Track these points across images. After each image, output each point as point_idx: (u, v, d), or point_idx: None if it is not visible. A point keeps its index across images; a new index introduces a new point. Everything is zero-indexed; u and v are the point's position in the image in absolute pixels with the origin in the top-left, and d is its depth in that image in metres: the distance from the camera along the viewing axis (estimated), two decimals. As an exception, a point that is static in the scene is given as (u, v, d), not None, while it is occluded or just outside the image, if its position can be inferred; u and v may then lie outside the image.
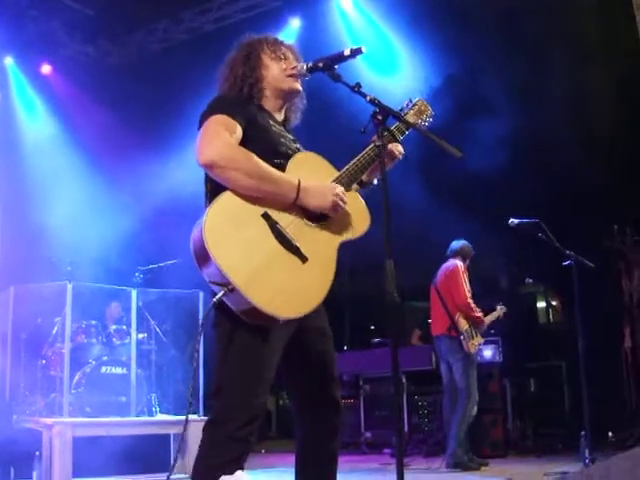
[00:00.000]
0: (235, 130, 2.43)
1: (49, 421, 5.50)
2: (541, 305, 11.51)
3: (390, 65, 8.47)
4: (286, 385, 2.59)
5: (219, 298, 2.27)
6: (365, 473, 6.56)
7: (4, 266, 7.75)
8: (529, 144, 8.18)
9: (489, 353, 7.83)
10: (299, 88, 2.68)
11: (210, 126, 2.42)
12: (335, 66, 2.54)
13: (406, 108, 2.85)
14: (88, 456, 5.46)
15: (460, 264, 6.64)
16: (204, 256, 2.27)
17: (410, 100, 2.88)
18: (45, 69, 9.31)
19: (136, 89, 8.68)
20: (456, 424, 6.24)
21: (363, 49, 2.50)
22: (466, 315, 6.43)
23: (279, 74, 2.65)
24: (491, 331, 7.41)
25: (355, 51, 2.50)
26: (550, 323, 11.25)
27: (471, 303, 6.43)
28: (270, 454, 7.59)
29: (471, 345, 6.35)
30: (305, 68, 2.59)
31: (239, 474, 2.25)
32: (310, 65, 2.58)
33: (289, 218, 2.41)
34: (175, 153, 8.03)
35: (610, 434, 7.09)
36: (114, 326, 6.72)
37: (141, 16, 8.85)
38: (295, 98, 2.73)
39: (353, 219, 2.54)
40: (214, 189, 2.41)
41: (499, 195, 8.33)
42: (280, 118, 2.71)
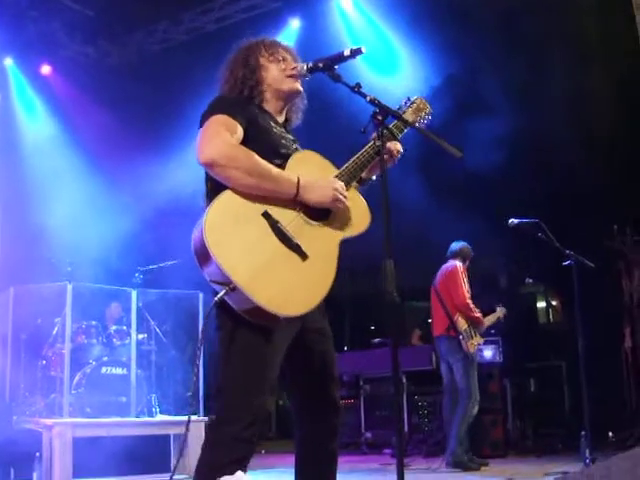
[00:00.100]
0: (236, 130, 2.44)
1: (49, 422, 5.50)
2: (541, 305, 11.51)
3: (390, 65, 8.47)
4: (287, 385, 2.59)
5: (220, 297, 2.27)
6: (365, 473, 6.56)
7: (4, 266, 7.75)
8: (529, 144, 8.18)
9: (489, 353, 7.83)
10: (299, 88, 2.68)
11: (210, 126, 2.42)
12: (335, 66, 2.54)
13: (404, 106, 2.85)
14: (88, 457, 5.46)
15: (459, 265, 6.64)
16: (205, 255, 2.26)
17: (408, 98, 2.88)
18: (45, 70, 9.31)
19: (136, 90, 8.67)
20: (456, 423, 6.24)
21: (363, 49, 2.50)
22: (465, 315, 6.43)
23: (278, 75, 2.65)
24: (491, 331, 7.41)
25: (355, 51, 2.50)
26: (550, 323, 11.25)
27: (470, 303, 6.44)
28: (270, 454, 7.58)
29: (470, 345, 6.35)
30: (305, 68, 2.59)
31: (239, 474, 2.24)
32: (310, 65, 2.58)
33: (290, 216, 2.41)
34: (175, 153, 8.04)
35: (610, 434, 7.09)
36: (114, 326, 6.72)
37: (141, 17, 8.85)
38: (296, 99, 2.73)
39: (353, 216, 2.54)
40: (214, 189, 2.41)
41: (499, 195, 8.33)
42: (281, 120, 2.71)
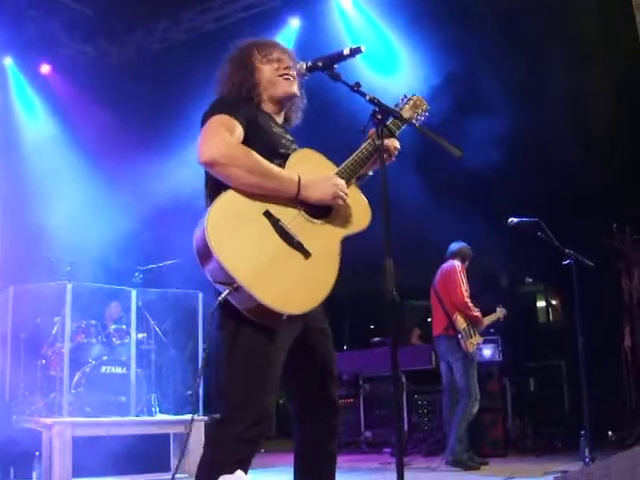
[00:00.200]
0: (236, 129, 2.43)
1: (49, 421, 5.50)
2: (541, 304, 11.51)
3: (389, 64, 8.47)
4: (287, 385, 2.59)
5: (224, 297, 2.27)
6: (365, 472, 6.57)
7: (4, 266, 7.74)
8: (529, 143, 8.18)
9: (489, 352, 7.82)
10: (294, 91, 2.67)
11: (211, 126, 2.42)
12: (334, 65, 2.54)
13: (401, 103, 2.85)
14: (88, 456, 5.46)
15: (458, 264, 6.64)
16: (207, 255, 2.26)
17: (405, 95, 2.88)
18: (44, 69, 9.31)
19: (136, 89, 8.67)
20: (456, 422, 6.24)
21: (362, 48, 2.50)
22: (464, 314, 6.43)
23: (272, 78, 2.64)
24: (491, 330, 7.41)
25: (354, 50, 2.50)
26: (550, 322, 11.25)
27: (469, 302, 6.43)
28: (270, 453, 7.57)
29: (469, 344, 6.35)
30: (305, 67, 2.58)
31: (239, 474, 2.24)
32: (309, 64, 2.57)
33: (291, 214, 2.41)
34: (175, 152, 8.04)
35: (610, 433, 7.09)
36: (114, 326, 6.72)
37: (141, 16, 8.84)
38: (292, 101, 2.72)
39: (354, 213, 2.54)
40: (214, 190, 2.41)
41: (499, 194, 8.33)
42: (280, 120, 2.71)
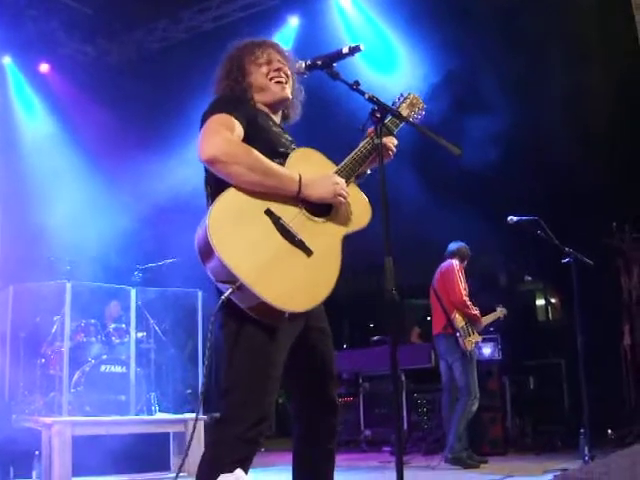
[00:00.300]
0: (236, 128, 2.44)
1: (48, 420, 5.50)
2: (540, 303, 11.51)
3: (389, 63, 8.47)
4: (287, 384, 2.59)
5: (227, 296, 2.27)
6: (364, 471, 6.57)
7: (4, 265, 7.74)
8: (528, 142, 8.18)
9: (488, 351, 7.83)
10: (285, 96, 2.67)
11: (211, 125, 2.42)
12: (333, 64, 2.54)
13: (398, 102, 2.86)
14: (88, 455, 5.46)
15: (456, 263, 6.64)
16: (209, 254, 2.27)
17: (402, 94, 2.89)
18: (44, 68, 9.31)
19: (135, 88, 8.68)
20: (455, 420, 6.24)
21: (361, 47, 2.51)
22: (462, 313, 6.43)
23: (262, 81, 2.64)
24: (490, 329, 7.41)
25: (353, 49, 2.51)
26: (549, 321, 11.25)
27: (467, 300, 6.43)
28: (270, 452, 7.58)
29: (467, 342, 6.34)
30: (304, 66, 2.58)
31: (238, 473, 2.24)
32: (308, 63, 2.57)
33: (292, 213, 2.41)
34: (174, 151, 8.03)
35: (609, 431, 7.08)
36: (113, 325, 6.72)
37: (140, 15, 8.85)
38: (284, 104, 2.72)
39: (355, 211, 2.54)
40: (216, 189, 2.41)
41: (498, 193, 8.33)
42: (277, 120, 2.71)
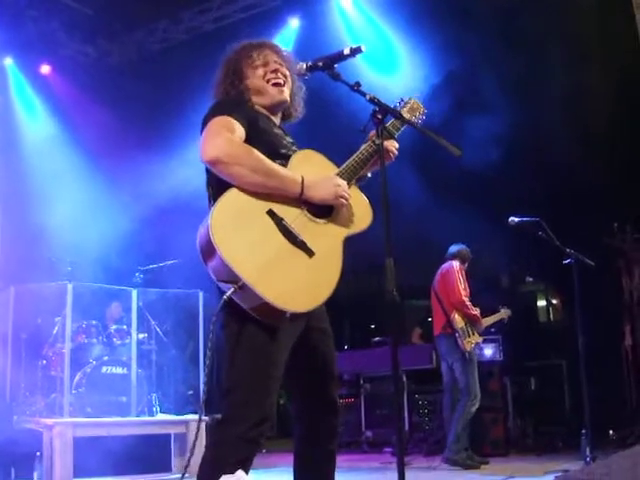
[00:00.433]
0: (237, 130, 2.45)
1: (50, 421, 5.50)
2: (541, 303, 11.50)
3: (390, 64, 8.47)
4: (288, 384, 2.59)
5: (229, 296, 2.27)
6: (366, 472, 6.57)
7: (4, 266, 7.74)
8: (529, 142, 8.18)
9: (490, 351, 7.82)
10: (283, 99, 2.67)
11: (212, 126, 2.43)
12: (335, 65, 2.53)
13: (399, 107, 2.85)
14: (89, 456, 5.46)
15: (457, 264, 6.64)
16: (211, 253, 2.27)
17: (402, 99, 2.89)
18: (44, 69, 9.31)
19: (136, 89, 8.68)
20: (455, 420, 6.24)
21: (363, 48, 2.50)
22: (462, 313, 6.42)
23: (259, 84, 2.64)
24: (491, 330, 7.40)
25: (355, 50, 2.50)
26: (550, 321, 11.25)
27: (466, 300, 6.42)
28: (271, 453, 7.58)
29: (467, 343, 6.33)
30: (305, 67, 2.58)
31: (240, 474, 2.24)
32: (310, 64, 2.57)
33: (294, 214, 2.42)
34: (175, 152, 8.03)
35: (611, 432, 7.08)
36: (114, 326, 6.72)
37: (141, 16, 8.85)
38: (283, 106, 2.72)
39: (356, 213, 2.55)
40: (218, 190, 2.41)
41: (499, 193, 8.32)
42: (277, 121, 2.72)
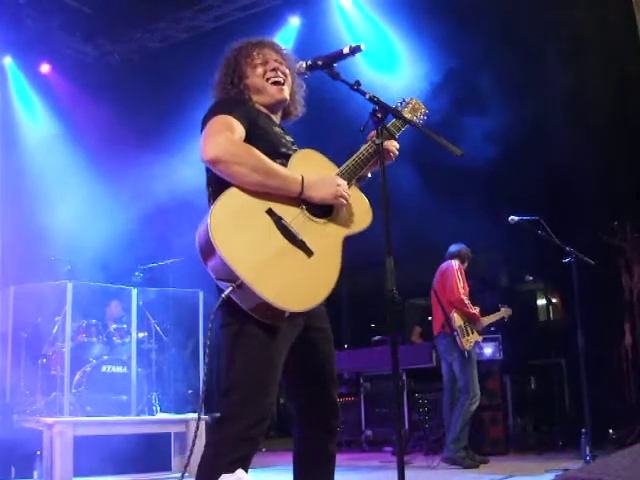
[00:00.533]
0: (237, 129, 2.44)
1: (50, 420, 5.50)
2: (541, 302, 11.49)
3: (389, 62, 8.47)
4: (287, 384, 2.59)
5: (227, 295, 2.27)
6: (366, 471, 6.57)
7: (4, 266, 7.75)
8: (529, 141, 8.17)
9: (489, 350, 7.81)
10: (282, 97, 2.67)
11: (212, 126, 2.43)
12: (334, 64, 2.53)
13: (400, 107, 2.85)
14: (89, 455, 5.47)
15: (456, 263, 6.63)
16: (210, 252, 2.27)
17: (403, 99, 2.89)
18: (44, 68, 9.31)
19: (136, 88, 8.68)
20: (455, 419, 6.24)
21: (362, 47, 2.50)
22: (461, 312, 6.42)
23: (259, 83, 2.64)
24: (491, 328, 7.40)
25: (354, 49, 2.50)
26: (550, 320, 11.23)
27: (465, 299, 6.42)
28: (270, 452, 7.59)
29: (465, 342, 6.32)
30: (304, 66, 2.58)
31: (239, 473, 2.24)
32: (309, 63, 2.57)
33: (294, 213, 2.42)
34: (175, 151, 8.02)
35: (611, 431, 7.08)
36: (114, 325, 6.73)
37: (140, 15, 8.84)
38: (283, 105, 2.72)
39: (356, 213, 2.56)
40: (217, 190, 2.41)
41: (499, 192, 8.32)
42: (277, 120, 2.72)
